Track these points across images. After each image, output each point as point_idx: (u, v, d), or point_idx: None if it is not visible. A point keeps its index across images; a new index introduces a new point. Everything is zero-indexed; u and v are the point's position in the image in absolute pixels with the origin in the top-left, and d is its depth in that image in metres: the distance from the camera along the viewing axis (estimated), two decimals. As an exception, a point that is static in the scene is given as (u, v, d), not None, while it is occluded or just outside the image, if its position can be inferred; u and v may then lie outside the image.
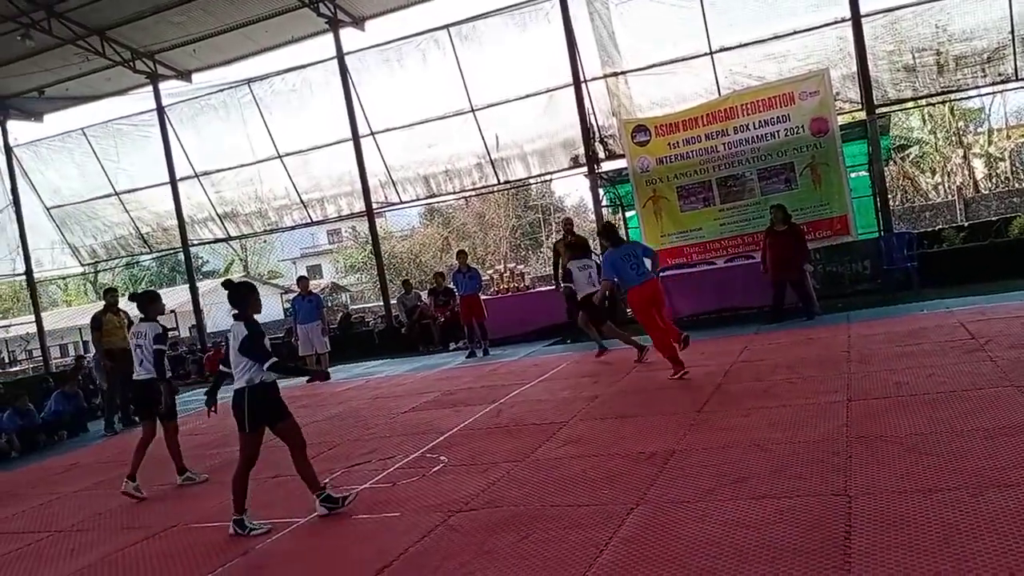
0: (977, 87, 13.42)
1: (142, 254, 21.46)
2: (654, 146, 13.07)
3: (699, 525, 3.84)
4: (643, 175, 13.18)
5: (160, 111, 18.48)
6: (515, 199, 36.36)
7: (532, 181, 19.76)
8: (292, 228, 19.47)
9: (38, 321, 21.15)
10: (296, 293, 14.28)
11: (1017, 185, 28.18)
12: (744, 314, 11.89)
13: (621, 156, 14.19)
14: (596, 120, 14.97)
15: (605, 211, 15.54)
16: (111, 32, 16.63)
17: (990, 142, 29.61)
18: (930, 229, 16.60)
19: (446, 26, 15.52)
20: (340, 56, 16.52)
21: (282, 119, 17.45)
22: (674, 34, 14.06)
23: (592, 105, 14.91)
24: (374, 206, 17.23)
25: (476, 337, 13.08)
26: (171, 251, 21.59)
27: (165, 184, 18.84)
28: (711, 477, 4.54)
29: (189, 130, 18.48)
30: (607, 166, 15.09)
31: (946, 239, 13.83)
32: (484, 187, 17.21)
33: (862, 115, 13.50)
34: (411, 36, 15.91)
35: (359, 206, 17.45)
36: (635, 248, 8.61)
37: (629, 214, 15.08)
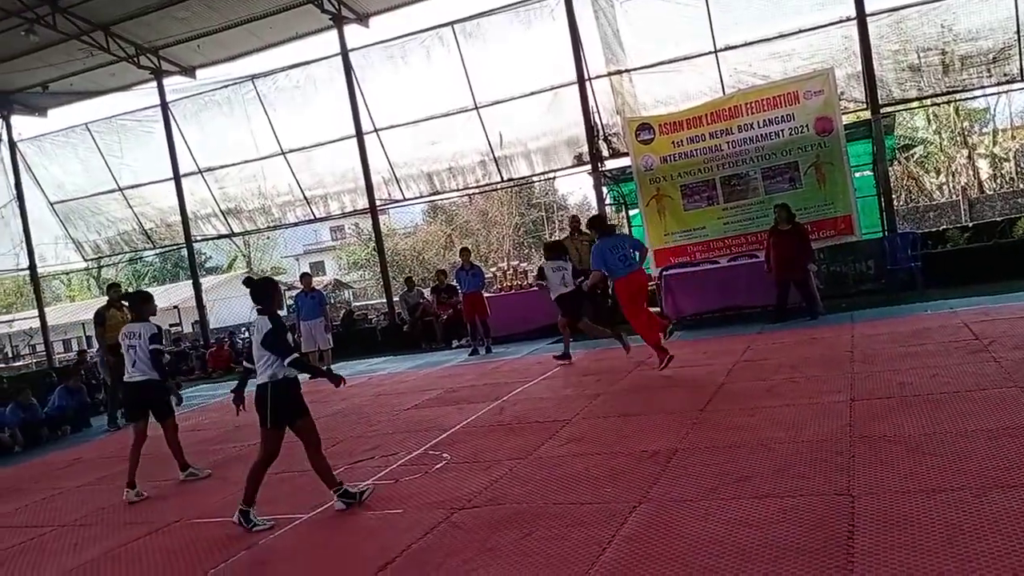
0: (982, 87, 13.40)
1: (145, 250, 21.51)
2: (658, 144, 13.03)
3: (702, 524, 3.84)
4: (647, 173, 13.16)
5: (164, 107, 18.52)
6: (518, 197, 36.35)
7: (535, 179, 19.75)
8: (295, 224, 19.50)
9: (41, 316, 21.23)
10: (299, 290, 14.29)
11: (1022, 186, 28.07)
12: (747, 313, 11.87)
13: (625, 154, 14.17)
14: (600, 118, 14.97)
15: (609, 209, 15.53)
16: (115, 27, 16.67)
17: (995, 142, 29.49)
18: (934, 229, 16.55)
19: (451, 23, 15.55)
20: (344, 53, 16.53)
21: (286, 115, 17.47)
22: (679, 32, 14.07)
23: (596, 103, 14.92)
24: (377, 203, 17.27)
25: (479, 335, 13.08)
26: (174, 247, 21.66)
27: (169, 180, 18.90)
28: (714, 476, 4.54)
29: (193, 126, 18.52)
30: (611, 164, 15.09)
31: (950, 239, 13.79)
32: (487, 185, 17.22)
33: (867, 114, 13.48)
34: (415, 33, 15.95)
35: (362, 203, 17.48)
36: (623, 240, 8.67)
37: (632, 212, 15.06)
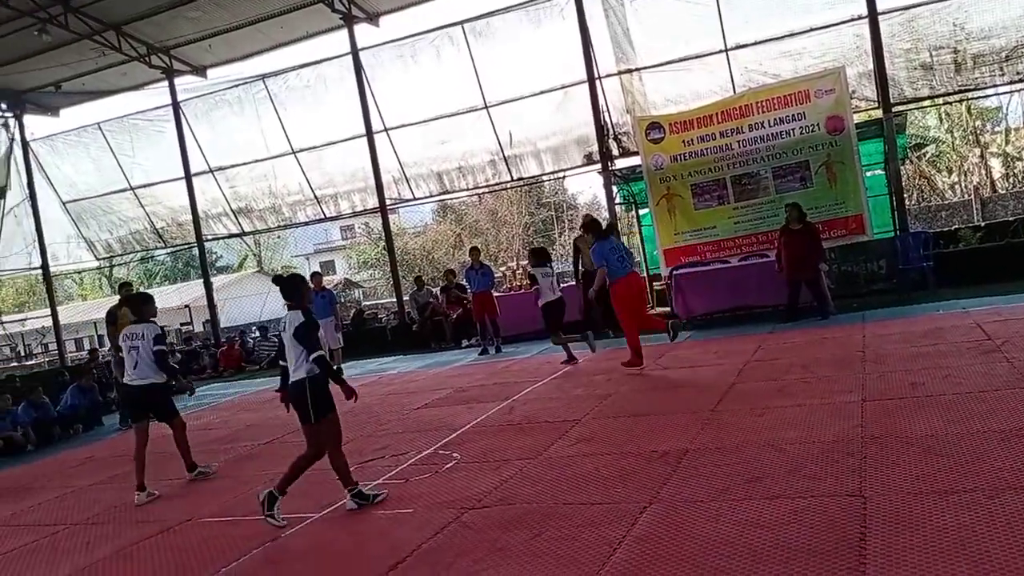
0: (995, 86, 13.32)
1: (157, 249, 21.63)
2: (668, 144, 13.01)
3: (713, 525, 3.83)
4: (657, 172, 13.13)
5: (175, 106, 18.60)
6: (528, 196, 36.32)
7: (545, 178, 19.73)
8: (306, 224, 19.57)
9: (54, 315, 21.36)
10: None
11: (1034, 185, 27.88)
12: (758, 313, 11.83)
13: (635, 153, 14.14)
14: (610, 117, 14.94)
15: (618, 208, 15.50)
16: (127, 27, 16.75)
17: (1007, 141, 29.25)
18: (946, 229, 16.42)
19: (460, 22, 15.56)
20: (354, 52, 16.56)
21: (296, 115, 17.53)
22: (689, 31, 14.02)
23: (606, 102, 14.88)
24: (387, 202, 17.28)
25: (488, 334, 13.08)
26: (185, 246, 21.78)
27: (180, 179, 18.99)
28: (725, 476, 4.53)
29: (204, 125, 18.60)
30: (621, 163, 15.06)
31: (962, 239, 13.68)
32: (497, 184, 17.22)
33: (878, 113, 13.40)
34: (425, 32, 15.96)
35: (372, 202, 17.51)
36: (620, 244, 8.68)
37: (643, 212, 15.05)
